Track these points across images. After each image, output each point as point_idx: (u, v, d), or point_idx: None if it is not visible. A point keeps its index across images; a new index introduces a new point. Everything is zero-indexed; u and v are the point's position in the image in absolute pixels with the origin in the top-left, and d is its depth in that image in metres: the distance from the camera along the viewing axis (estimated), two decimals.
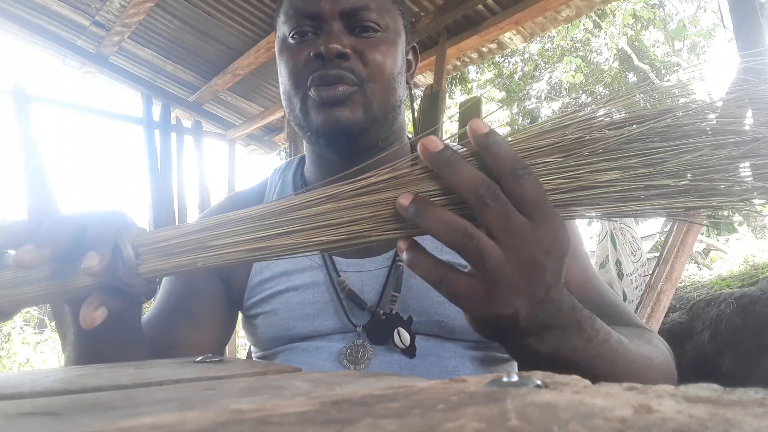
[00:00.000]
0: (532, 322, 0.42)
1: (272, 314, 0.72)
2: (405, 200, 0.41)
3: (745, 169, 0.41)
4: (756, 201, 0.42)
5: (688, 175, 0.41)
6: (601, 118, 0.43)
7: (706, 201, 0.41)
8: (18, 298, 0.47)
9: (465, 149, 0.43)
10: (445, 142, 0.42)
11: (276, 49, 0.76)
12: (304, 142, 0.79)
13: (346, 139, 0.68)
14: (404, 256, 0.43)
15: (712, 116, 0.42)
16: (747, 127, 0.42)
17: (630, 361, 0.50)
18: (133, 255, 0.47)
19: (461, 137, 0.45)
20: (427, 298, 0.68)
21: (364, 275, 0.71)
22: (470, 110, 2.51)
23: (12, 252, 0.46)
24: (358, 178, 0.44)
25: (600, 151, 0.41)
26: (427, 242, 0.43)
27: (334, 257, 0.72)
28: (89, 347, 0.57)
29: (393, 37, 0.72)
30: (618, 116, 0.43)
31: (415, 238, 0.43)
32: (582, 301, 0.48)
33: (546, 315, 0.43)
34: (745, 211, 0.43)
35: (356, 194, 0.44)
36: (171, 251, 0.47)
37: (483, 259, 0.40)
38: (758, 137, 0.41)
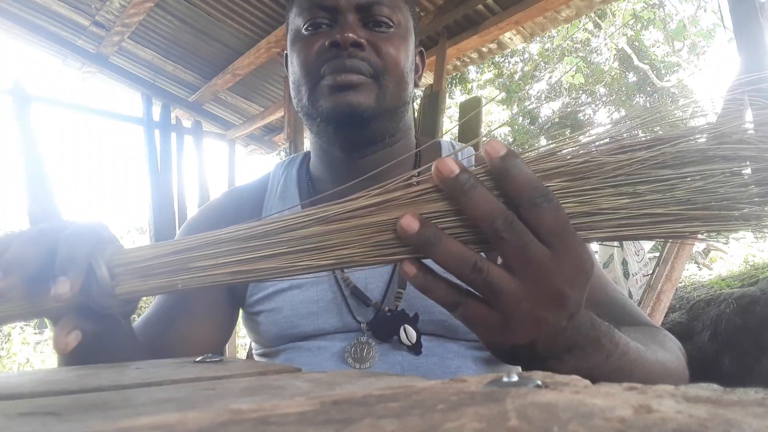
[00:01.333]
0: (552, 348, 0.41)
1: (275, 312, 0.71)
2: (412, 224, 0.38)
3: (754, 189, 0.39)
4: (765, 222, 0.39)
5: (699, 202, 0.39)
6: (609, 142, 0.41)
7: (716, 226, 0.39)
8: None
9: (480, 167, 0.40)
10: (461, 163, 0.38)
11: (288, 42, 0.76)
12: (310, 137, 0.79)
13: (355, 124, 0.68)
14: (413, 280, 0.40)
15: (727, 141, 0.39)
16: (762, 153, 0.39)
17: (647, 371, 0.49)
18: (108, 276, 0.44)
19: (461, 136, 0.44)
20: None
21: (368, 272, 0.71)
22: (470, 110, 2.51)
23: None
24: (348, 198, 0.42)
25: (608, 176, 0.39)
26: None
27: None
28: (74, 362, 0.54)
29: (405, 34, 0.73)
30: (627, 140, 0.40)
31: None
32: (589, 304, 0.46)
33: (566, 340, 0.41)
34: (753, 227, 0.41)
35: (346, 216, 0.41)
36: (149, 272, 0.44)
37: (495, 292, 0.38)
38: None
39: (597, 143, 0.41)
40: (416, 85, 0.79)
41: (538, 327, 0.39)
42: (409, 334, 0.66)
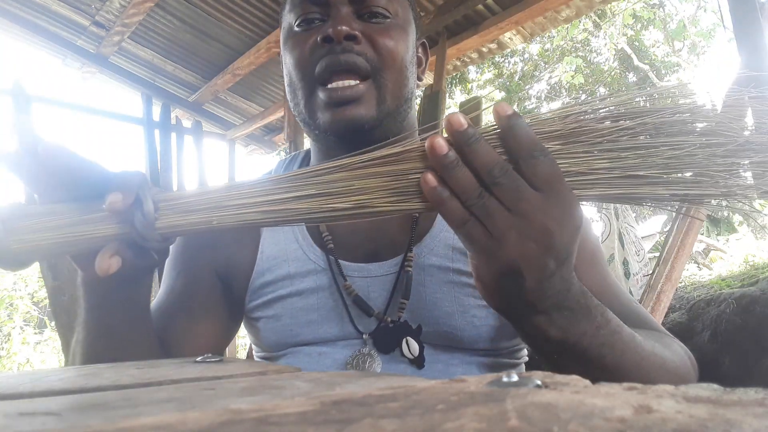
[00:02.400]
0: (540, 295, 0.44)
1: (275, 319, 0.69)
2: (444, 145, 0.43)
3: (743, 168, 0.44)
4: (756, 200, 0.44)
5: (685, 172, 0.44)
6: (598, 112, 0.47)
7: (699, 190, 0.44)
8: (36, 245, 0.47)
9: (484, 127, 0.45)
10: (469, 120, 0.44)
11: (281, 40, 0.73)
12: (308, 138, 0.76)
13: (356, 136, 0.65)
14: (432, 191, 0.43)
15: (706, 117, 0.46)
16: (745, 132, 0.45)
17: (640, 357, 0.50)
18: (152, 207, 0.48)
19: (462, 105, 0.48)
20: (437, 308, 0.66)
21: (371, 280, 0.68)
22: (470, 110, 2.51)
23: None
24: (369, 148, 0.47)
25: (595, 141, 0.45)
26: (438, 247, 0.44)
27: (339, 261, 0.69)
28: (100, 322, 0.56)
29: (403, 25, 0.69)
30: (615, 111, 0.47)
31: (429, 239, 0.45)
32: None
33: (554, 292, 0.44)
34: (745, 210, 0.46)
35: (368, 165, 0.46)
36: (188, 208, 0.48)
37: (490, 216, 0.42)
38: (753, 140, 0.44)
39: (588, 113, 0.47)
40: (419, 79, 0.76)
41: (525, 256, 0.42)
42: (411, 347, 0.64)
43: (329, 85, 0.65)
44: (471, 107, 2.61)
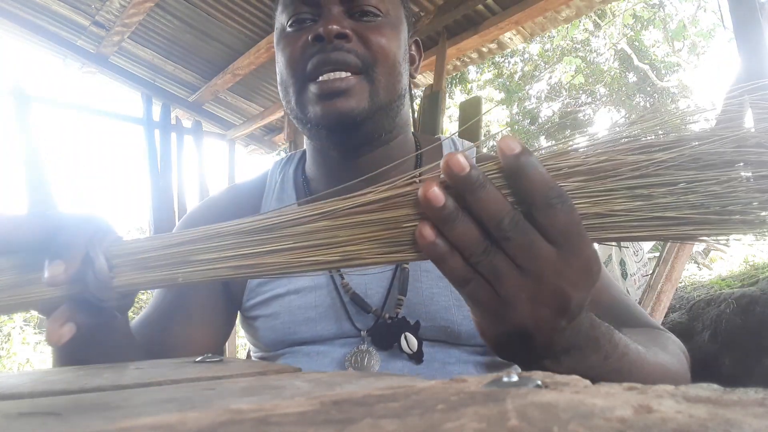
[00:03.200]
0: (549, 347, 0.40)
1: (273, 318, 0.70)
2: (439, 196, 0.36)
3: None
4: None
5: (712, 206, 0.37)
6: (627, 141, 0.39)
7: (724, 229, 0.38)
8: None
9: (489, 163, 0.39)
10: (471, 160, 0.37)
11: (274, 41, 0.74)
12: (305, 138, 0.77)
13: (347, 129, 0.66)
14: (430, 247, 0.38)
15: (744, 145, 0.38)
16: None
17: (647, 373, 0.48)
18: (106, 266, 0.42)
19: (460, 135, 0.43)
20: (433, 303, 0.66)
21: (368, 278, 0.69)
22: (470, 110, 2.51)
23: None
24: (356, 193, 0.40)
25: (624, 177, 0.38)
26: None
27: None
28: (68, 357, 0.54)
29: (395, 23, 0.70)
30: (644, 140, 0.39)
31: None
32: (591, 304, 0.45)
33: (564, 340, 0.40)
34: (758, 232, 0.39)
35: (354, 212, 0.40)
36: (150, 264, 0.43)
37: (498, 277, 0.37)
38: None
39: (614, 142, 0.39)
40: (413, 77, 0.76)
41: (536, 321, 0.38)
42: (410, 342, 0.64)
43: (319, 79, 0.65)
44: (471, 107, 2.61)
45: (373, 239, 0.40)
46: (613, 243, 0.43)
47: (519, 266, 0.37)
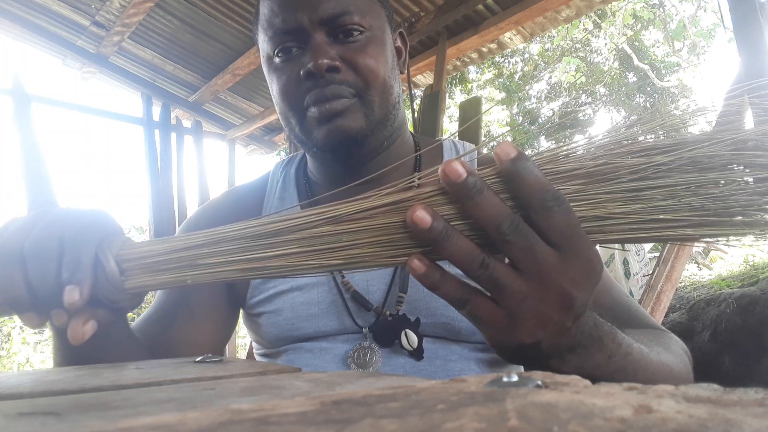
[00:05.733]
0: (555, 347, 0.41)
1: (276, 314, 0.71)
2: (426, 218, 0.37)
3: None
4: None
5: (712, 209, 0.38)
6: (624, 143, 0.39)
7: (724, 231, 0.38)
8: None
9: (487, 168, 0.40)
10: (469, 166, 0.38)
11: (263, 67, 0.74)
12: None
13: (350, 148, 0.68)
14: (422, 278, 0.39)
15: (743, 147, 0.38)
16: None
17: (651, 373, 0.49)
18: (117, 271, 0.44)
19: (460, 135, 0.44)
20: (434, 299, 0.67)
21: (369, 275, 0.70)
22: (470, 110, 2.51)
23: None
24: (359, 197, 0.42)
25: (623, 180, 0.38)
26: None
27: None
28: (74, 353, 0.54)
29: (379, 35, 0.70)
30: (642, 142, 0.39)
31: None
32: (593, 306, 0.46)
33: (570, 339, 0.41)
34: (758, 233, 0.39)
35: (357, 217, 0.41)
36: (159, 267, 0.44)
37: (500, 289, 0.38)
38: None
39: (612, 146, 0.39)
40: (401, 72, 0.76)
41: (544, 326, 0.38)
42: (410, 338, 0.65)
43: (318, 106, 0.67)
44: (471, 107, 2.61)
45: (376, 243, 0.41)
46: (616, 245, 0.43)
47: (520, 270, 0.38)
